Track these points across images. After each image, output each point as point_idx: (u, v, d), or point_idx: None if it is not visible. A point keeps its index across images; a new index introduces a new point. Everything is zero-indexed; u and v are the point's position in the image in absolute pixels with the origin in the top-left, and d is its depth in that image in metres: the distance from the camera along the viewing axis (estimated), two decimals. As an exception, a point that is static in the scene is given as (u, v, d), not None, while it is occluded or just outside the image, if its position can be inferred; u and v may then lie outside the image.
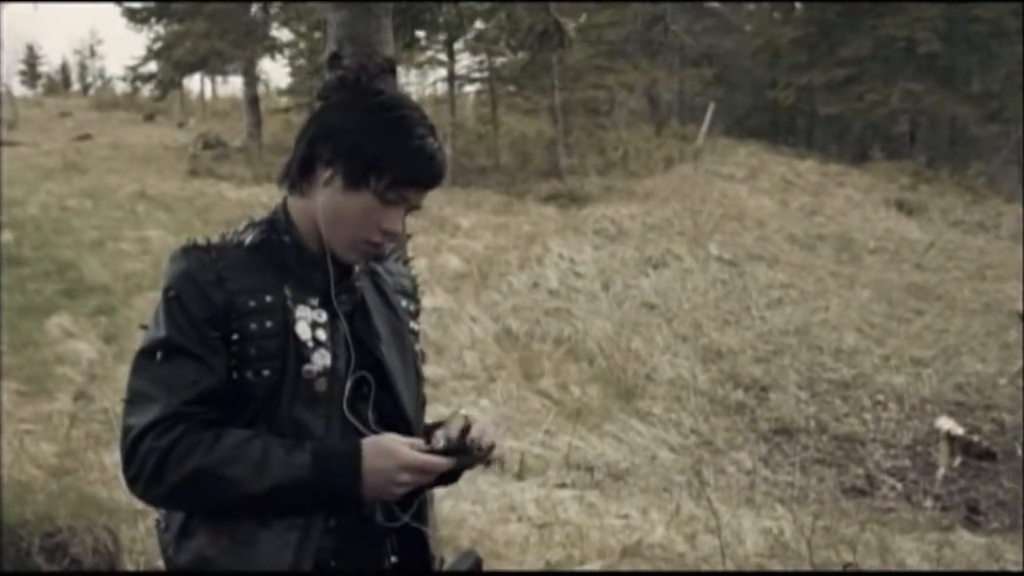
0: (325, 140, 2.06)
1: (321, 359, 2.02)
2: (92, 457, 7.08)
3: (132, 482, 1.96)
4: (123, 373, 6.84)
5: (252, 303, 2.00)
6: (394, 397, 2.15)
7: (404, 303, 2.29)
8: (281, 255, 2.08)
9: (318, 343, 2.03)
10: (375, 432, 2.04)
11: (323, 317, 2.06)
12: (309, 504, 1.96)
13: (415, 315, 2.32)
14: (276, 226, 2.10)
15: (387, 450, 1.96)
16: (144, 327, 2.06)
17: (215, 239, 2.10)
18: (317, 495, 1.95)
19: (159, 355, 1.98)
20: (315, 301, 2.06)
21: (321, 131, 2.08)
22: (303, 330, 2.02)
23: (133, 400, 1.98)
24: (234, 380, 1.99)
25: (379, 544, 2.12)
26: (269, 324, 2.00)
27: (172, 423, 1.92)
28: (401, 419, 2.14)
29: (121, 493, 6.11)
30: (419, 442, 2.00)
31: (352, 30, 2.77)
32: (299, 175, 2.10)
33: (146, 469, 1.92)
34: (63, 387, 9.66)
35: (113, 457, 7.02)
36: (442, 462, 1.99)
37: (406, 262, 2.42)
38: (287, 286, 2.05)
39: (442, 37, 24.78)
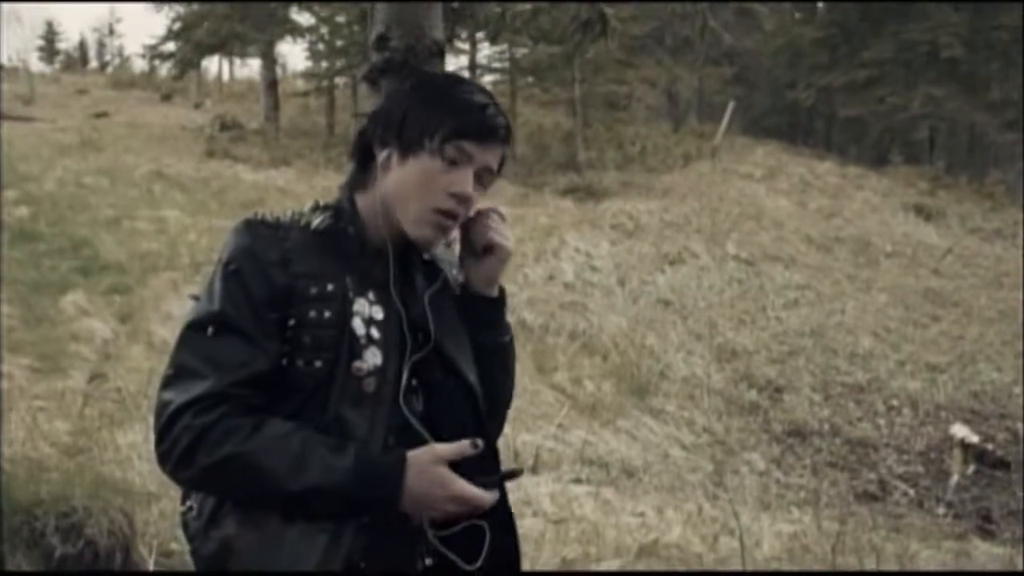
0: (375, 124, 2.02)
1: (372, 357, 1.94)
2: (106, 436, 7.01)
3: (163, 459, 1.87)
4: (137, 352, 6.82)
5: (314, 290, 1.92)
6: (466, 389, 2.08)
7: None
8: (345, 244, 2.00)
9: (371, 340, 1.95)
10: (424, 432, 1.96)
11: (380, 314, 1.97)
12: (343, 511, 1.87)
13: None
14: (342, 214, 2.03)
15: (438, 478, 1.88)
16: (195, 298, 1.97)
17: (284, 217, 2.01)
18: (353, 504, 1.87)
19: (210, 330, 1.89)
20: (373, 296, 1.97)
21: (371, 119, 2.04)
22: (358, 325, 1.94)
23: (177, 374, 1.88)
24: (283, 367, 1.90)
25: (413, 544, 2.01)
26: (327, 314, 1.92)
27: (214, 403, 1.84)
28: (474, 411, 2.08)
29: (135, 475, 6.07)
30: (465, 444, 1.91)
31: (401, 11, 2.69)
32: (359, 169, 2.04)
33: (178, 447, 1.83)
34: (78, 365, 9.62)
35: (127, 438, 6.97)
36: (491, 500, 1.94)
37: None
38: (349, 277, 1.96)
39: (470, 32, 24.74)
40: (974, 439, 12.12)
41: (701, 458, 11.19)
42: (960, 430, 12.31)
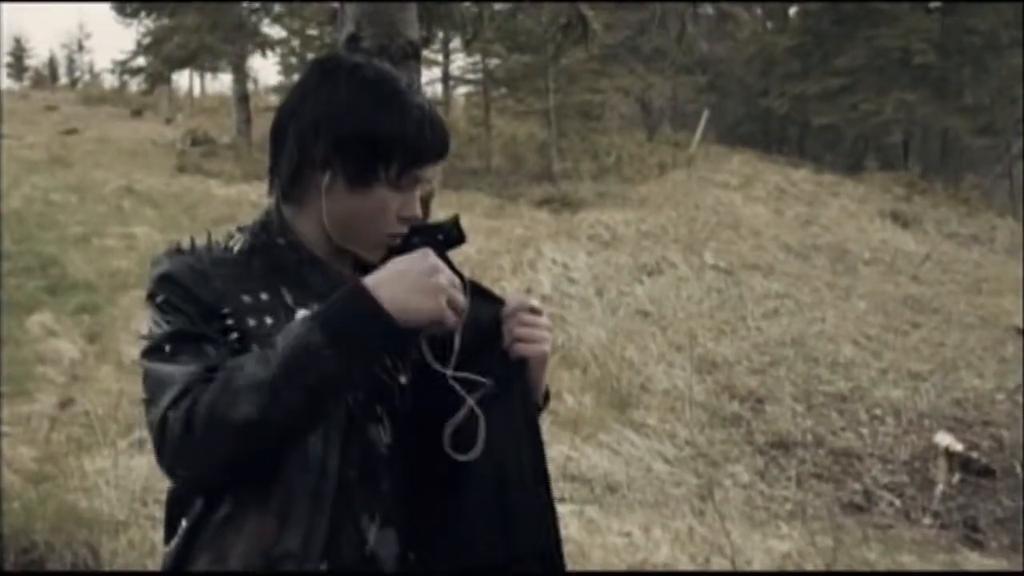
0: (312, 138, 1.80)
1: None
2: (73, 463, 6.78)
3: (172, 463, 1.68)
4: (106, 374, 6.58)
5: (247, 298, 1.75)
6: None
7: None
8: (276, 257, 1.82)
9: None
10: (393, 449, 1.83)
11: None
12: (338, 367, 1.63)
13: None
14: (269, 227, 1.85)
15: (403, 261, 1.72)
16: (144, 338, 1.79)
17: (200, 242, 1.84)
18: (341, 345, 1.62)
19: (167, 348, 1.72)
20: (316, 306, 1.75)
21: (304, 129, 1.81)
22: None
23: (152, 396, 1.70)
24: None
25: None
26: (269, 321, 1.74)
27: (188, 390, 1.65)
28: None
29: (103, 503, 5.85)
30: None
31: (373, 9, 2.48)
32: (290, 185, 1.84)
33: (174, 435, 1.63)
34: (44, 387, 9.36)
35: (95, 464, 6.76)
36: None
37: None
38: (284, 288, 1.79)
39: (440, 35, 24.62)
40: (958, 447, 11.98)
41: (685, 472, 11.01)
42: (944, 438, 12.17)
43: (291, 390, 1.61)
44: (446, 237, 1.91)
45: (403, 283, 1.67)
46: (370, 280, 1.68)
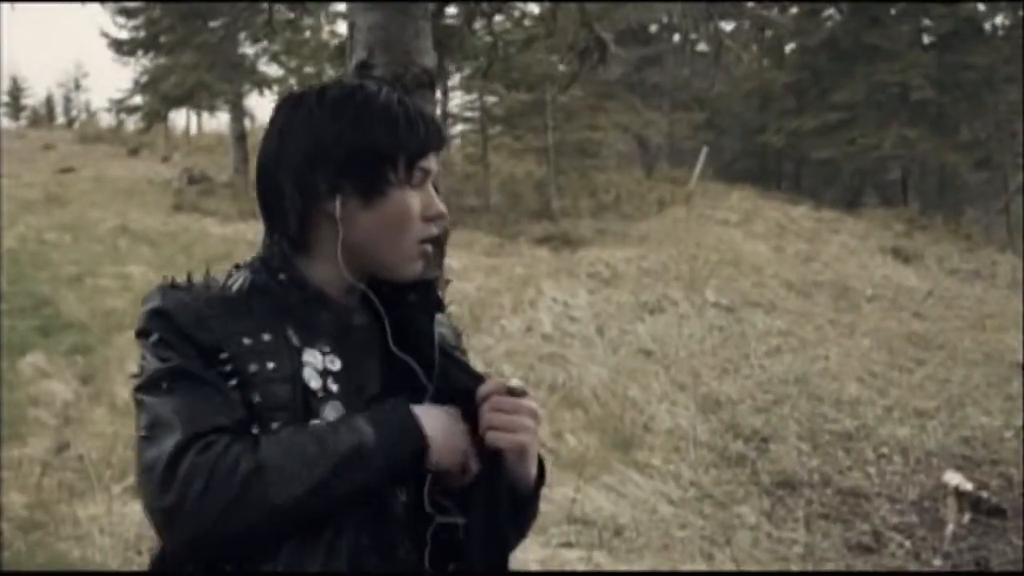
0: (309, 173, 1.71)
1: (333, 412, 1.66)
2: (65, 510, 6.59)
3: (175, 509, 1.52)
4: (100, 416, 6.39)
5: (247, 340, 1.63)
6: None
7: None
8: (279, 296, 1.70)
9: (329, 394, 1.66)
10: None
11: (336, 365, 1.68)
12: (376, 477, 1.63)
13: None
14: (269, 264, 1.74)
15: (446, 418, 1.73)
16: (136, 375, 1.66)
17: (197, 278, 1.73)
18: (385, 461, 1.63)
19: (164, 384, 1.59)
20: (326, 347, 1.68)
21: (298, 167, 1.72)
22: (311, 376, 1.66)
23: (151, 434, 1.57)
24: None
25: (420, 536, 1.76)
26: (272, 365, 1.63)
27: (211, 440, 1.54)
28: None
29: (96, 551, 5.67)
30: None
31: (386, 35, 2.31)
32: (299, 229, 1.73)
33: (193, 487, 1.52)
34: (36, 431, 9.18)
35: (88, 510, 6.58)
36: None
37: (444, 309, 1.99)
38: (289, 328, 1.67)
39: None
40: (968, 486, 11.80)
41: (690, 514, 10.82)
42: (953, 477, 12.00)
43: (341, 484, 1.59)
44: (437, 300, 1.86)
45: (444, 433, 1.71)
46: (418, 411, 1.69)
